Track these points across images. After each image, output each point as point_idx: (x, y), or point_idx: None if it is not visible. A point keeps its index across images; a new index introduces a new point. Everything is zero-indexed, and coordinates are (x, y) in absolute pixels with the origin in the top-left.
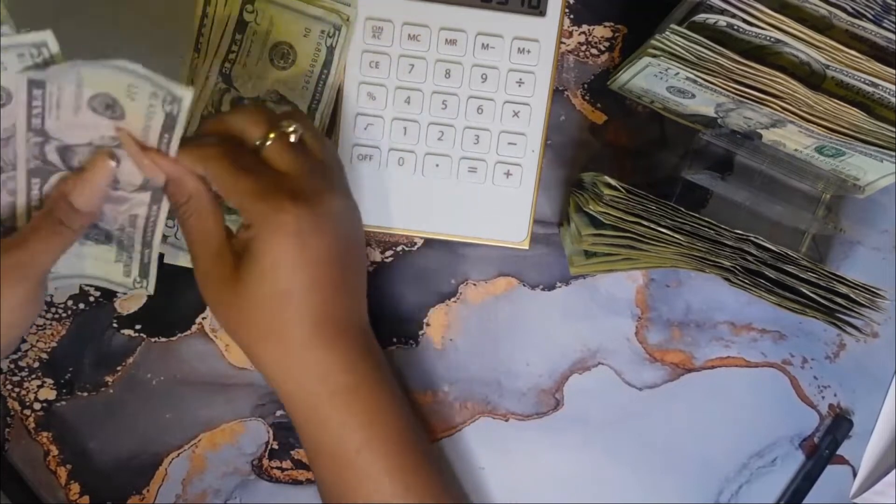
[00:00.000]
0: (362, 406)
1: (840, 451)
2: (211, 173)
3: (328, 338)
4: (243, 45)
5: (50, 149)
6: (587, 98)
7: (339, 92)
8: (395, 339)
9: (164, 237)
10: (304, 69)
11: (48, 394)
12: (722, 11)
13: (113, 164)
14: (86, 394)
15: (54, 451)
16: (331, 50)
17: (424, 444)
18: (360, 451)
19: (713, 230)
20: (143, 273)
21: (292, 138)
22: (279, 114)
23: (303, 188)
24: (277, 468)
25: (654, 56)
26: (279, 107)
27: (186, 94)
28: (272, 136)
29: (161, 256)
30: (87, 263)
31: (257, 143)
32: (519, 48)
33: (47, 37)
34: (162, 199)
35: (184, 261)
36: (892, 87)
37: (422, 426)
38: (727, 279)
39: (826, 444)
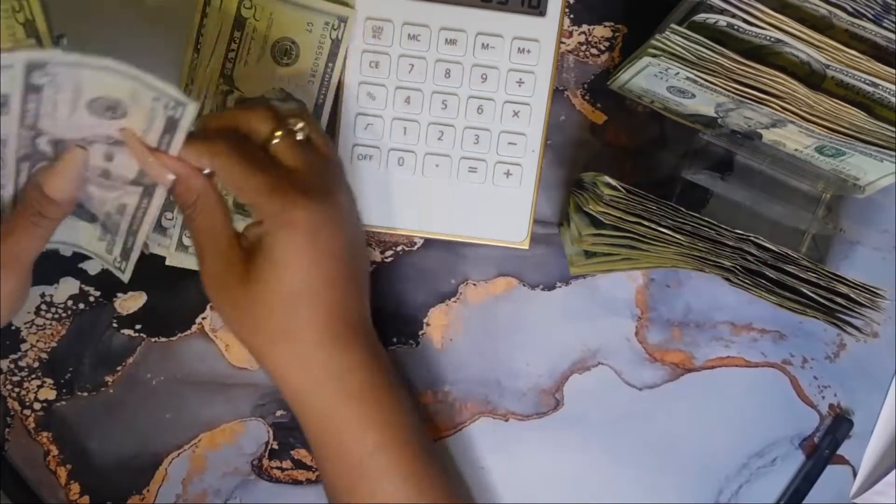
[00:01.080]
0: (376, 407)
1: (840, 451)
2: (221, 168)
3: (342, 336)
4: (243, 42)
5: (42, 141)
6: (587, 98)
7: (339, 91)
8: (395, 339)
9: (164, 229)
10: (308, 64)
11: (48, 394)
12: (722, 11)
13: (83, 154)
14: (86, 394)
15: (54, 451)
16: (336, 42)
17: (432, 445)
18: (374, 453)
19: (713, 230)
20: (124, 256)
21: (300, 136)
22: (285, 111)
23: (313, 184)
24: (277, 468)
25: (655, 56)
26: (285, 105)
27: (191, 105)
28: (279, 133)
29: (162, 259)
30: (80, 234)
31: (265, 140)
32: (519, 48)
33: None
34: (154, 193)
35: (185, 262)
36: (892, 86)
37: (424, 426)
38: (727, 279)
39: (826, 444)
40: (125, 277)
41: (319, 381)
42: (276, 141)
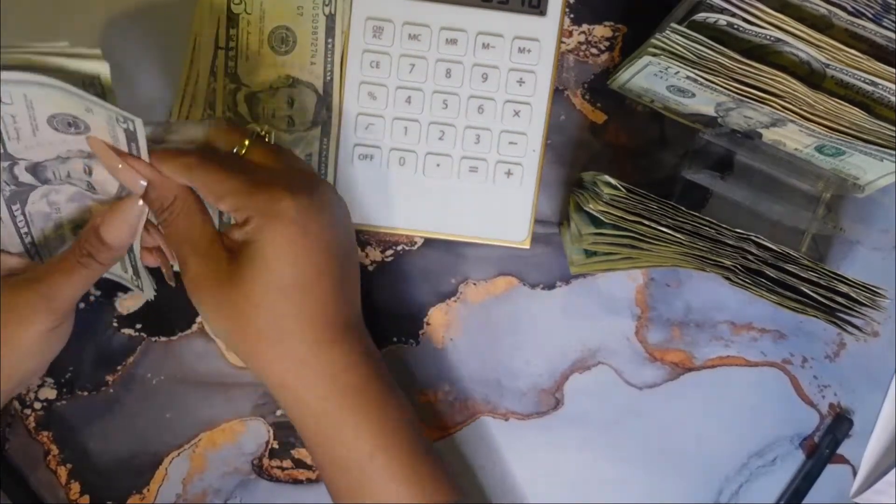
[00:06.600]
0: (372, 407)
1: (840, 451)
2: (196, 179)
3: (336, 334)
4: (240, 38)
5: (20, 170)
6: (587, 98)
7: (341, 91)
8: (395, 339)
9: None
10: (307, 47)
11: (48, 393)
12: (722, 10)
13: (142, 204)
14: (86, 393)
15: (54, 450)
16: (331, 17)
17: (429, 444)
18: (373, 455)
19: (714, 229)
20: (136, 273)
21: (269, 138)
22: (246, 126)
23: (296, 180)
24: (278, 467)
25: (655, 55)
26: (294, 90)
27: (138, 121)
28: (247, 141)
29: None
30: None
31: (235, 150)
32: (519, 48)
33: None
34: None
35: None
36: (892, 86)
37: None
38: (728, 278)
39: (826, 443)
40: (146, 294)
41: (313, 382)
42: (248, 144)
